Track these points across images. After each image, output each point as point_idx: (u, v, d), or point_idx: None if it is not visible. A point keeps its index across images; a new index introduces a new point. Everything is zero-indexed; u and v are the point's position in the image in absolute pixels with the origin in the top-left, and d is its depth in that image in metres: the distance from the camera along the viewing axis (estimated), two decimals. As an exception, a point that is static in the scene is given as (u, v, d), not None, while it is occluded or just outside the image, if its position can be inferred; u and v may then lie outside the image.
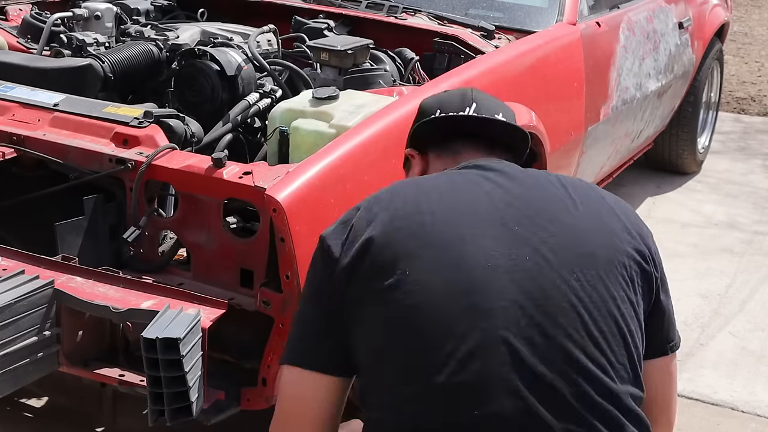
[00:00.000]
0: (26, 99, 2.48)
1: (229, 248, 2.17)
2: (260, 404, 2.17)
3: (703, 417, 2.99)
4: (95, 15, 3.13)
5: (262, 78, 2.77)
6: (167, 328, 1.89)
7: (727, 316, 3.60)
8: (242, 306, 2.12)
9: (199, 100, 2.69)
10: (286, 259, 2.02)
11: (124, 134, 2.31)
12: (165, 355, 1.86)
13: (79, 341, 2.12)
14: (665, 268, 1.65)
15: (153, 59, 2.84)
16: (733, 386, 3.12)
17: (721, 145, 5.63)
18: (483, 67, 2.78)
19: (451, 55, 3.02)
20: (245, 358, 2.20)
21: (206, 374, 1.98)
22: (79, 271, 2.12)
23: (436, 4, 3.33)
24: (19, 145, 2.35)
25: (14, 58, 2.78)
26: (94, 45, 2.91)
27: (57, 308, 2.05)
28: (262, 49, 2.87)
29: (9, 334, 1.96)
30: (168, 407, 1.92)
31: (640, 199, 4.78)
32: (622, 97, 3.59)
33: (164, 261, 2.28)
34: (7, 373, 1.99)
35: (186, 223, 2.22)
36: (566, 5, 3.30)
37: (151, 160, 2.20)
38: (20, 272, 2.06)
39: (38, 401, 2.79)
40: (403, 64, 2.97)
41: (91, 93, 2.67)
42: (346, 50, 2.75)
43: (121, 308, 2.01)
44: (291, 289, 2.03)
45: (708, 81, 5.01)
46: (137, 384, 2.07)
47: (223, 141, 2.56)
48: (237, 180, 2.12)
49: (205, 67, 2.68)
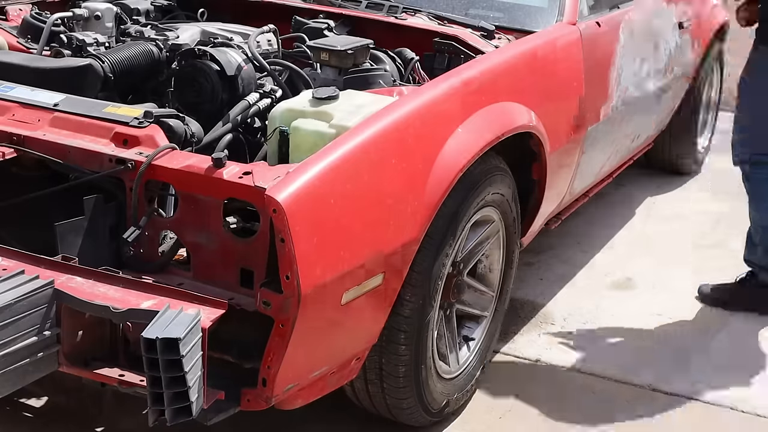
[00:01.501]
0: (26, 99, 2.48)
1: (229, 248, 2.17)
2: (260, 405, 2.18)
3: (703, 417, 2.99)
4: (95, 15, 3.13)
5: (262, 78, 2.77)
6: (167, 328, 1.89)
7: (727, 316, 3.61)
8: (242, 306, 2.12)
9: (199, 100, 2.69)
10: (286, 260, 2.02)
11: (124, 134, 2.31)
12: (165, 355, 1.86)
13: (79, 341, 2.12)
14: (665, 268, 1.65)
15: (153, 59, 2.84)
16: (734, 386, 3.12)
17: (721, 144, 5.62)
18: (483, 67, 2.78)
19: (451, 55, 3.02)
20: (245, 358, 2.20)
21: (206, 374, 1.99)
22: (79, 271, 2.12)
23: (436, 4, 3.33)
24: (19, 145, 2.35)
25: (14, 58, 2.78)
26: (94, 45, 2.91)
27: (57, 308, 2.05)
28: (262, 49, 2.87)
29: (9, 334, 1.96)
30: (168, 407, 1.92)
31: (640, 199, 4.78)
32: (622, 97, 3.59)
33: (164, 261, 2.28)
34: (7, 373, 1.99)
35: (186, 223, 2.22)
36: (566, 5, 3.30)
37: (151, 160, 2.21)
38: (20, 272, 2.06)
39: (38, 401, 2.79)
40: (403, 64, 2.97)
41: (91, 93, 2.67)
42: (346, 50, 2.76)
43: (121, 308, 2.01)
44: (291, 289, 2.03)
45: (708, 81, 5.01)
46: (137, 384, 2.07)
47: (223, 141, 2.56)
48: (237, 180, 2.12)
49: (205, 67, 2.68)
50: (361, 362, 2.47)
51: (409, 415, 2.68)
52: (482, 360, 2.98)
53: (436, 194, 2.41)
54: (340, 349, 2.35)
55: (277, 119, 2.44)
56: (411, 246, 2.37)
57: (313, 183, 2.10)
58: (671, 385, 3.12)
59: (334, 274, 2.13)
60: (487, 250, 2.92)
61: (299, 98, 2.51)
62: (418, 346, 2.55)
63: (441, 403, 2.76)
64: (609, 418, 2.94)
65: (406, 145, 2.36)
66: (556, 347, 3.32)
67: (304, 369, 2.24)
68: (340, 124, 2.33)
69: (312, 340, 2.17)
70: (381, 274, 2.29)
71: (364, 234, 2.21)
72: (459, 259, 2.74)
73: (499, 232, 2.92)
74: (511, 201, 2.90)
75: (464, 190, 2.57)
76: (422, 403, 2.66)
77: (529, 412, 2.95)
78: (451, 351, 2.81)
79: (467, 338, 2.94)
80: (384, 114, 2.36)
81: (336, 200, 2.14)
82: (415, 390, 2.61)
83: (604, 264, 3.97)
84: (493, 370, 3.13)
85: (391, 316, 2.43)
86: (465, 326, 2.95)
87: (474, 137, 2.57)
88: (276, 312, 2.06)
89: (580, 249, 4.13)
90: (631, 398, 3.05)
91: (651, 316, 3.57)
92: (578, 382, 3.14)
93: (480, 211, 2.73)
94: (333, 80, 2.78)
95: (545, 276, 3.86)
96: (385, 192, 2.28)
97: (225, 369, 2.19)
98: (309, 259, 2.05)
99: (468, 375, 2.89)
